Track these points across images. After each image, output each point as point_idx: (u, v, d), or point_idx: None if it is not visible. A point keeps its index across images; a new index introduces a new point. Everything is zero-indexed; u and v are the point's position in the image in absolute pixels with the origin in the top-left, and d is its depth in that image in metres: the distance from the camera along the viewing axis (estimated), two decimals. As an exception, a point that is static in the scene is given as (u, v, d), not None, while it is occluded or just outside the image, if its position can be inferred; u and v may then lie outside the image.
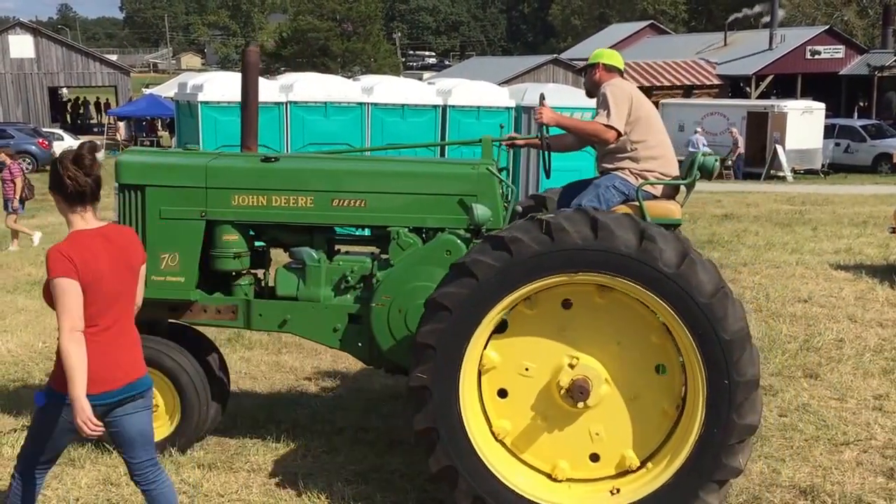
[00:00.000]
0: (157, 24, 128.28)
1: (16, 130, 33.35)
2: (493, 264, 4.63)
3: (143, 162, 5.90)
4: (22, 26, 45.94)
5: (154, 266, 5.69)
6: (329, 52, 56.90)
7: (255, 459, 5.87)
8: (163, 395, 5.85)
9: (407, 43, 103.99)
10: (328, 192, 5.66)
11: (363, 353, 5.82)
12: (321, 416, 6.75)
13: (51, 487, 5.36)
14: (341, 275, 5.77)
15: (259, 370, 8.04)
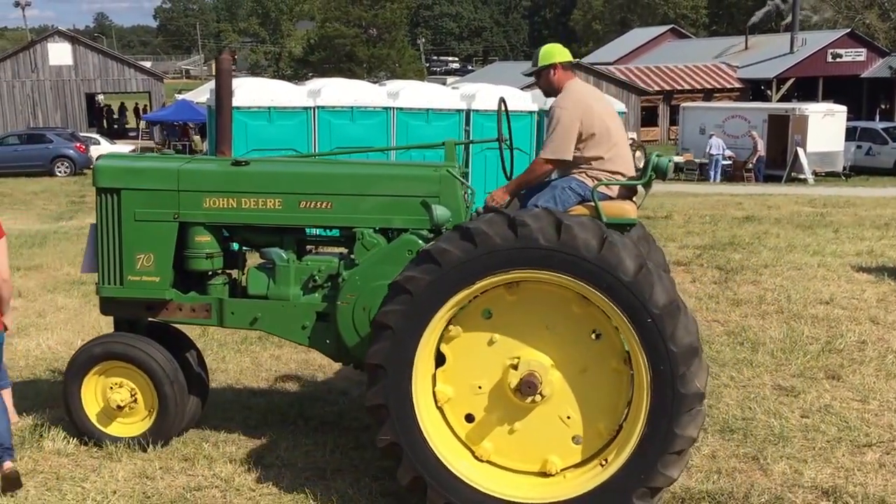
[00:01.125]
0: (190, 31, 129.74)
1: (54, 135, 34.00)
2: (457, 254, 4.74)
3: (118, 166, 6.10)
4: (60, 35, 46.87)
5: (130, 266, 5.96)
6: (355, 58, 57.35)
7: (286, 455, 6.04)
8: (140, 391, 6.07)
9: (431, 48, 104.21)
10: (296, 194, 5.83)
11: (330, 350, 5.96)
12: (348, 414, 6.93)
13: (89, 480, 5.59)
14: (309, 274, 5.93)
15: (289, 368, 8.26)
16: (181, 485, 5.60)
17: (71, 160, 32.29)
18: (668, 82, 48.20)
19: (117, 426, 6.16)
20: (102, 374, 6.09)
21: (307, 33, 70.32)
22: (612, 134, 5.57)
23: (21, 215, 21.48)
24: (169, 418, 6.07)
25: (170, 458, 5.95)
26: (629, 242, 4.76)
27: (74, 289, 11.62)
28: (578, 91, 5.60)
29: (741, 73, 48.28)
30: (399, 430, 4.93)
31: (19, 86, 43.83)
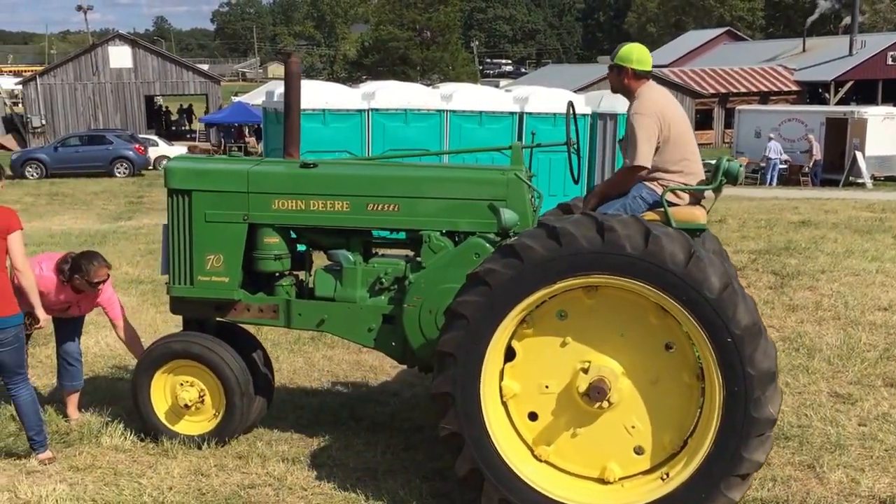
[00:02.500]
0: (246, 34, 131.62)
1: (114, 136, 34.64)
2: (541, 252, 4.74)
3: (189, 168, 6.20)
4: (121, 38, 47.81)
5: (200, 266, 6.05)
6: (409, 61, 57.62)
7: (337, 455, 6.11)
8: (210, 392, 6.16)
9: (484, 51, 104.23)
10: (363, 196, 5.88)
11: (396, 353, 6.01)
12: (400, 415, 6.98)
13: (145, 476, 5.71)
14: (376, 276, 5.98)
15: (340, 368, 8.35)
16: (235, 482, 5.68)
17: (130, 161, 32.87)
18: (723, 85, 47.62)
19: (183, 423, 6.26)
20: (173, 372, 6.19)
21: (361, 36, 70.91)
22: (684, 139, 5.50)
23: (82, 215, 21.95)
24: (232, 425, 6.18)
25: (224, 456, 6.03)
26: (716, 259, 4.72)
27: (133, 287, 11.86)
28: (653, 97, 5.51)
29: (798, 75, 47.48)
30: (462, 421, 4.95)
31: (81, 88, 44.78)
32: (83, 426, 6.55)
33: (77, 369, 6.77)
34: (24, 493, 5.43)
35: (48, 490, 5.45)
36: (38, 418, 5.89)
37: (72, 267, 6.35)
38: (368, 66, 59.96)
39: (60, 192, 27.47)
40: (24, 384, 5.85)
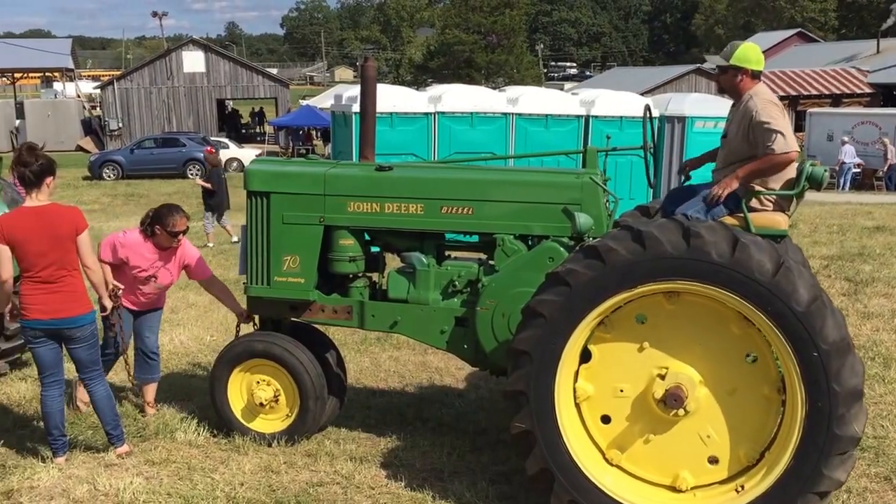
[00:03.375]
0: (314, 39, 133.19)
1: (187, 139, 35.41)
2: (623, 254, 4.70)
3: (268, 170, 6.30)
4: (195, 43, 48.77)
5: (277, 267, 6.14)
6: (474, 64, 57.67)
7: (404, 455, 6.15)
8: (283, 388, 6.25)
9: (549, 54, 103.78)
10: (437, 199, 5.91)
11: (468, 355, 6.03)
12: (465, 416, 7.01)
13: (218, 472, 5.82)
14: (449, 279, 6.01)
15: (406, 369, 8.42)
16: (304, 480, 5.76)
17: (202, 163, 33.51)
18: (794, 87, 46.57)
19: (257, 421, 6.36)
20: (251, 370, 6.29)
21: (427, 40, 71.23)
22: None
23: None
24: (304, 427, 6.27)
25: (293, 454, 6.12)
26: (805, 272, 4.65)
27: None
28: (769, 95, 5.37)
29: (872, 77, 46.16)
30: (535, 420, 4.94)
31: (156, 92, 45.81)
32: (159, 421, 6.70)
33: (155, 363, 6.93)
34: (103, 485, 5.58)
35: (125, 483, 5.59)
36: (114, 413, 6.04)
37: (153, 219, 6.56)
38: (434, 70, 60.22)
39: (136, 192, 28.18)
40: (101, 380, 6.01)
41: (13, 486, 5.55)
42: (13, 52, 56.02)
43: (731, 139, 5.44)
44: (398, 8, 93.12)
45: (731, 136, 5.43)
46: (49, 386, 5.89)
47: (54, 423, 5.92)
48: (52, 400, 5.89)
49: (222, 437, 6.37)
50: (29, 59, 55.17)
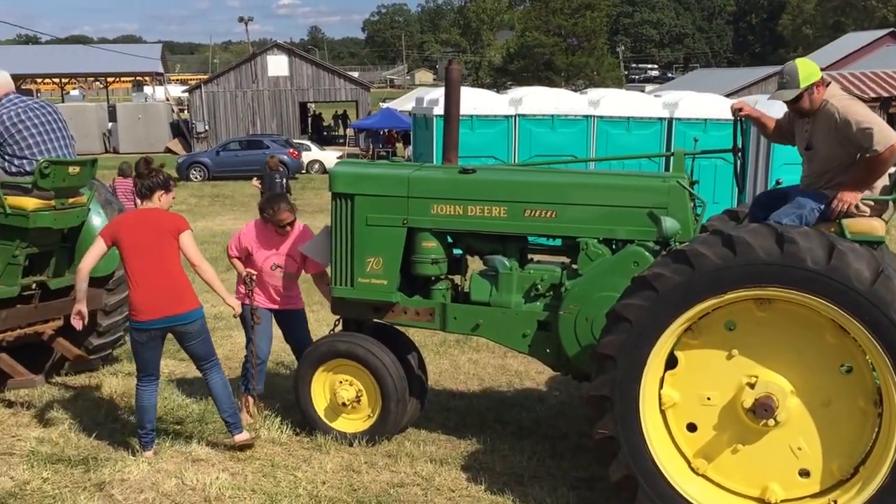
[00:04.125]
0: (395, 42, 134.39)
1: (271, 141, 36.01)
2: (674, 277, 4.65)
3: (353, 172, 6.35)
4: (279, 48, 49.61)
5: (361, 269, 6.20)
6: (554, 67, 57.34)
7: (483, 459, 6.14)
8: (365, 388, 6.29)
9: (630, 56, 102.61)
10: (521, 202, 5.88)
11: (550, 359, 5.99)
12: (545, 421, 6.97)
13: (300, 470, 5.90)
14: (532, 283, 5.98)
15: (486, 372, 8.41)
16: (385, 480, 5.79)
17: (285, 165, 34.02)
18: (885, 88, 44.99)
19: (339, 421, 6.42)
20: (334, 370, 6.36)
21: (506, 42, 71.08)
22: None
23: (241, 216, 22.91)
24: (385, 429, 6.31)
25: (374, 454, 6.16)
26: (860, 249, 4.50)
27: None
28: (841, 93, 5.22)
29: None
30: (619, 426, 4.88)
31: (241, 95, 46.74)
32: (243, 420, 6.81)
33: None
34: (190, 479, 5.70)
35: (211, 478, 5.70)
36: (230, 402, 6.15)
37: (264, 204, 6.79)
38: (513, 73, 60.06)
39: (221, 193, 28.77)
40: (217, 370, 6.13)
41: (105, 479, 5.72)
42: (106, 57, 57.88)
43: (819, 149, 5.23)
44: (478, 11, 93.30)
45: (820, 146, 5.21)
46: (146, 382, 6.07)
47: (147, 418, 6.08)
48: (147, 395, 6.06)
49: (305, 435, 6.45)
50: (121, 63, 56.96)
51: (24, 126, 6.95)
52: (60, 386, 7.72)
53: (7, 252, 7.03)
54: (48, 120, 7.13)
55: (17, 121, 6.93)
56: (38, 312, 7.32)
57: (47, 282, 7.37)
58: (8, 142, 6.88)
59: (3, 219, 6.91)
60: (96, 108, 48.82)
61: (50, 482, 5.69)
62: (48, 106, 7.33)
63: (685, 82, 51.36)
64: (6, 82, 7.16)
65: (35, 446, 6.29)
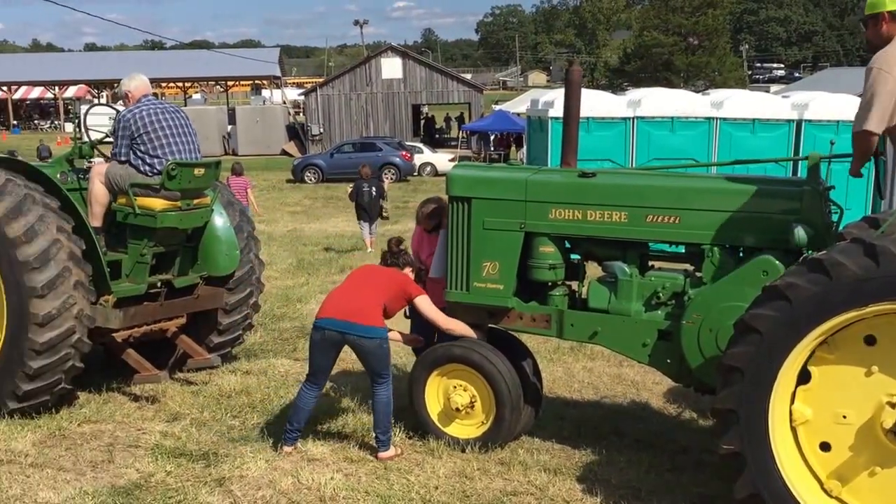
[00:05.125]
0: (508, 44, 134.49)
1: (384, 144, 36.50)
2: (808, 288, 4.42)
3: (470, 175, 6.32)
4: (393, 50, 50.33)
5: (477, 273, 6.15)
6: (672, 67, 56.24)
7: (599, 470, 6.01)
8: (479, 394, 6.23)
9: (754, 55, 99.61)
10: (642, 207, 5.73)
11: (671, 370, 5.82)
12: (664, 434, 6.80)
13: (413, 473, 5.90)
14: (653, 290, 5.83)
15: (601, 381, 8.27)
16: (497, 488, 5.71)
17: (397, 167, 34.41)
18: None
19: (453, 426, 6.39)
20: (448, 374, 6.33)
21: (623, 43, 70.15)
22: None
23: (353, 218, 23.10)
24: (499, 436, 6.23)
25: (487, 461, 6.08)
26: None
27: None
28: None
29: None
30: (746, 441, 4.68)
31: (355, 98, 47.56)
32: (357, 420, 6.86)
33: None
34: (306, 479, 5.76)
35: (326, 478, 5.75)
36: (388, 420, 6.17)
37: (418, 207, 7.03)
38: (630, 73, 59.22)
39: (335, 195, 29.25)
40: (384, 388, 6.15)
41: (224, 475, 5.84)
42: (227, 62, 59.89)
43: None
44: (594, 11, 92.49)
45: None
46: (309, 384, 6.24)
47: (297, 417, 6.23)
48: (306, 397, 6.22)
49: (417, 439, 6.44)
50: (240, 67, 58.78)
51: (159, 127, 7.19)
52: (182, 382, 7.95)
53: (135, 251, 7.27)
54: (178, 123, 7.35)
55: (151, 121, 7.17)
56: (164, 310, 7.56)
57: (172, 280, 7.60)
58: (143, 140, 7.11)
59: (133, 218, 7.15)
60: (216, 111, 50.47)
61: (173, 475, 5.85)
62: (179, 110, 7.56)
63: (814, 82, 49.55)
64: (144, 85, 7.44)
65: (159, 440, 6.49)
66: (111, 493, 5.56)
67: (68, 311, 6.59)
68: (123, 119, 7.17)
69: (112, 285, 7.05)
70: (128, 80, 7.45)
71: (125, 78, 7.49)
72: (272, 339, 9.75)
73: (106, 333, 7.14)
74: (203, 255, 7.83)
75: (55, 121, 67.48)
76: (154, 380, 7.34)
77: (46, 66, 65.59)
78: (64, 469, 5.98)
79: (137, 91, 7.36)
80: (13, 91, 66.27)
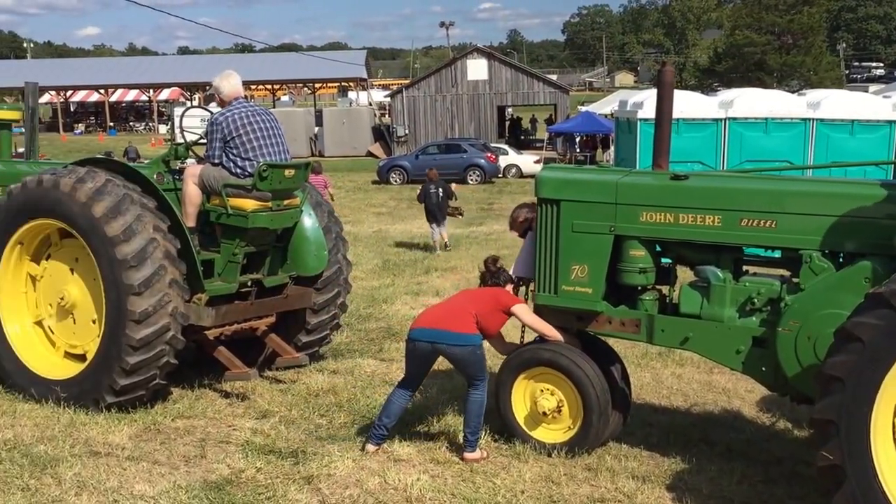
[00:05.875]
0: (595, 44, 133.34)
1: (469, 145, 36.50)
2: None
3: (559, 178, 6.27)
4: (478, 51, 50.39)
5: (565, 276, 6.09)
6: (765, 67, 54.84)
7: (689, 479, 5.90)
8: (567, 399, 6.17)
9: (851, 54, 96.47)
10: (737, 211, 5.59)
11: (766, 378, 5.67)
12: (756, 444, 6.65)
13: (499, 477, 5.89)
14: (747, 296, 5.68)
15: (691, 388, 8.12)
16: (585, 494, 5.64)
17: (482, 169, 34.38)
18: None
19: (539, 430, 6.33)
20: (535, 378, 6.28)
21: (713, 42, 68.76)
22: None
23: (438, 219, 23.32)
24: (586, 442, 6.16)
25: (573, 466, 6.02)
26: None
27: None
28: None
29: None
30: (845, 454, 4.52)
31: (440, 100, 47.74)
32: (443, 422, 6.87)
33: None
34: (393, 479, 5.79)
35: (413, 479, 5.76)
36: (479, 421, 6.18)
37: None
38: (720, 73, 57.99)
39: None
40: (478, 390, 6.16)
41: (313, 473, 5.91)
42: (314, 64, 60.88)
43: None
44: (684, 10, 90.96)
45: None
46: (401, 387, 6.34)
47: (386, 414, 6.28)
48: (396, 398, 6.30)
49: (503, 442, 6.41)
50: (328, 70, 59.70)
51: (251, 130, 7.32)
52: (271, 380, 8.08)
53: (227, 250, 7.42)
54: (268, 126, 7.48)
55: (243, 123, 7.31)
56: (254, 309, 7.69)
57: (262, 280, 7.73)
58: (235, 144, 7.26)
59: (226, 219, 7.30)
60: (304, 113, 51.23)
61: (262, 472, 5.94)
62: (269, 112, 7.69)
63: (916, 81, 47.65)
64: (235, 88, 7.58)
65: (249, 437, 6.61)
66: (203, 488, 5.69)
67: (164, 309, 6.76)
68: (216, 122, 7.33)
69: (205, 284, 7.21)
70: (220, 79, 7.59)
71: (218, 77, 7.64)
72: (359, 339, 9.85)
73: (198, 331, 7.31)
74: (292, 255, 7.95)
75: (149, 123, 69.63)
76: (244, 377, 7.48)
77: (141, 70, 67.88)
78: (158, 463, 6.14)
79: (230, 94, 7.51)
80: (110, 94, 68.61)
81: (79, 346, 7.37)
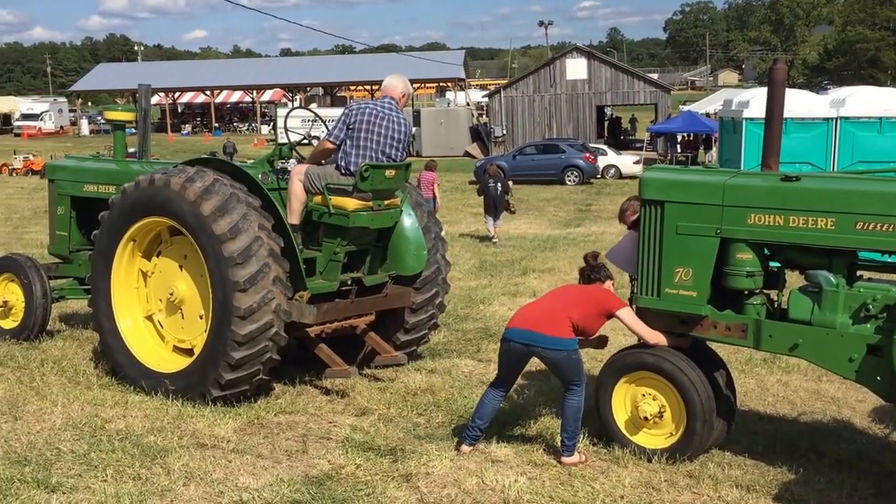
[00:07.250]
0: (698, 42, 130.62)
1: (567, 146, 36.20)
2: None
3: (664, 179, 6.16)
4: (578, 51, 50.02)
5: (668, 279, 5.98)
6: (879, 64, 52.81)
7: (796, 490, 5.74)
8: (669, 405, 6.06)
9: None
10: (852, 213, 5.40)
11: (881, 388, 5.46)
12: (869, 455, 6.43)
13: (598, 481, 5.82)
14: (862, 302, 5.48)
15: (798, 396, 7.90)
16: (686, 501, 5.54)
17: (580, 170, 34.03)
18: None
19: (640, 435, 6.24)
20: (637, 382, 6.19)
21: (823, 38, 66.53)
22: None
23: (535, 220, 23.24)
24: (688, 449, 6.04)
25: (674, 473, 5.90)
26: None
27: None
28: None
29: None
30: None
31: (538, 99, 47.58)
32: (541, 423, 6.82)
33: None
34: (490, 480, 5.78)
35: (510, 480, 5.74)
36: (576, 425, 6.15)
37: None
38: (830, 71, 56.11)
39: (516, 197, 29.26)
40: (575, 394, 6.12)
41: (411, 471, 5.95)
42: (413, 64, 61.37)
43: None
44: (793, 5, 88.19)
45: None
46: (494, 386, 6.35)
47: (479, 414, 6.30)
48: (489, 398, 6.32)
49: (602, 446, 6.34)
50: (426, 70, 60.14)
51: (374, 129, 7.40)
52: (370, 378, 8.17)
53: (329, 249, 7.54)
54: (393, 130, 7.52)
55: (370, 119, 7.39)
56: (354, 307, 7.79)
57: (363, 278, 7.82)
58: (352, 136, 7.36)
59: (328, 218, 7.41)
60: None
61: (362, 469, 6.01)
62: (404, 122, 7.68)
63: None
64: (387, 87, 7.74)
65: (349, 433, 6.69)
66: (304, 482, 5.79)
67: (267, 306, 6.91)
68: (350, 108, 7.53)
69: (307, 282, 7.33)
70: (388, 76, 7.85)
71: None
72: (456, 339, 9.88)
73: (300, 328, 7.43)
74: (392, 254, 8.02)
75: (252, 123, 71.45)
76: (344, 375, 7.58)
77: (245, 72, 69.80)
78: (262, 456, 6.27)
79: (382, 91, 7.76)
80: (215, 95, 70.69)
81: (187, 340, 7.60)
